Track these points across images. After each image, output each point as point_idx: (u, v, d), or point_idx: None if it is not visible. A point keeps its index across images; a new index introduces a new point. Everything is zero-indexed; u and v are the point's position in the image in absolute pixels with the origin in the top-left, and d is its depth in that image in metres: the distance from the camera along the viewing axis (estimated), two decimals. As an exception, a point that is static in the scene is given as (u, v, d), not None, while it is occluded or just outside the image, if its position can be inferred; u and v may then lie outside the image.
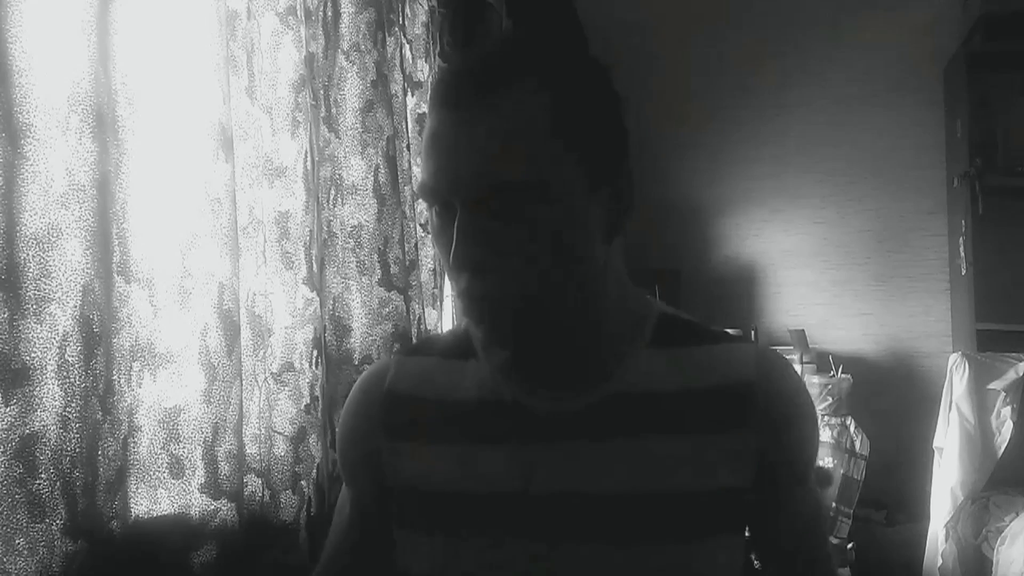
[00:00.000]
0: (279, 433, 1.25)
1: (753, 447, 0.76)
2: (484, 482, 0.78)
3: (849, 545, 2.46)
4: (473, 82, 0.69)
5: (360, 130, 1.44)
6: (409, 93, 1.71)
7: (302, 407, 1.27)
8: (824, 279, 3.00)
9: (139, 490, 1.03)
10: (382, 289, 1.45)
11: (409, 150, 1.64)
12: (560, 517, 0.75)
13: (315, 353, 1.29)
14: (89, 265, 0.92)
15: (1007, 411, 2.33)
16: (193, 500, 1.07)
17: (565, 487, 0.76)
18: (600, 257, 0.74)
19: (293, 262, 1.28)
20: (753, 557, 0.87)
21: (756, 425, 0.76)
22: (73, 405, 0.89)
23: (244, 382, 1.16)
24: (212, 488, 1.07)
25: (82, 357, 0.90)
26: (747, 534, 0.84)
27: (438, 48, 1.81)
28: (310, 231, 1.30)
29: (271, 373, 1.25)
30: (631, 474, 0.75)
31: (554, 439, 0.77)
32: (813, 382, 2.62)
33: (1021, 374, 2.36)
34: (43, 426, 0.87)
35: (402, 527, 0.83)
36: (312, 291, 1.29)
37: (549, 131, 0.68)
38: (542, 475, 0.76)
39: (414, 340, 1.51)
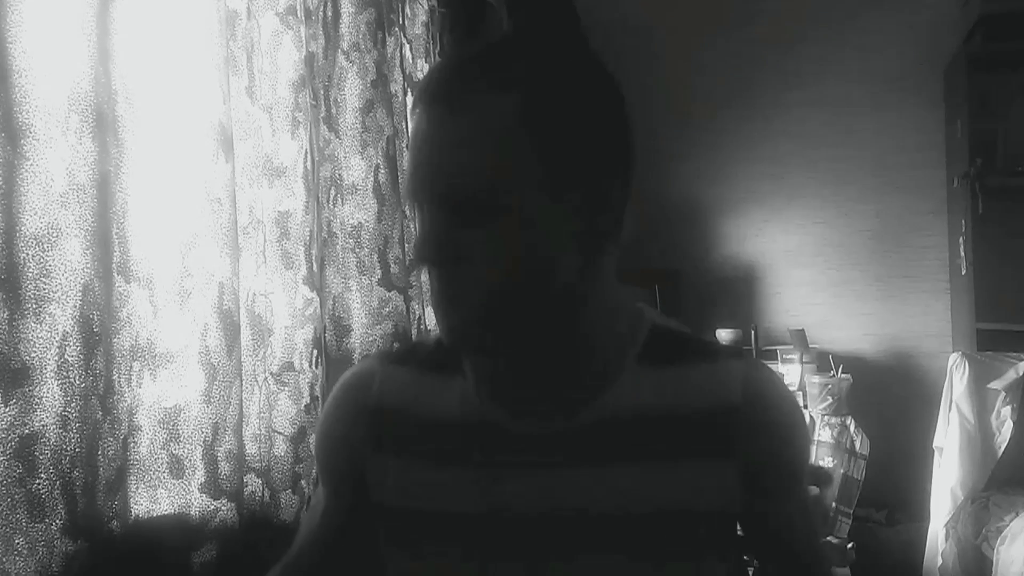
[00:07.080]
0: (279, 433, 1.25)
1: (737, 473, 0.76)
2: (470, 503, 0.77)
3: (849, 545, 2.46)
4: (445, 88, 0.70)
5: (360, 130, 1.44)
6: (409, 93, 1.71)
7: (302, 407, 1.27)
8: (824, 279, 3.00)
9: (139, 490, 1.03)
10: (382, 289, 1.45)
11: (409, 150, 1.64)
12: (544, 539, 0.75)
13: (315, 353, 1.29)
14: (89, 265, 0.92)
15: (1007, 411, 2.33)
16: (193, 500, 1.07)
17: (550, 509, 0.75)
18: (576, 268, 0.72)
19: (293, 262, 1.28)
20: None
21: (740, 451, 0.76)
22: (73, 405, 0.89)
23: (244, 382, 1.16)
24: (212, 488, 1.07)
25: (82, 357, 0.90)
26: (743, 539, 0.85)
27: (438, 48, 1.81)
28: (310, 231, 1.30)
29: (271, 373, 1.25)
30: (614, 496, 0.75)
31: (539, 461, 0.76)
32: (813, 382, 2.63)
33: (1021, 374, 2.36)
34: (43, 426, 0.87)
35: (388, 545, 0.82)
36: (312, 291, 1.29)
37: (510, 151, 0.68)
38: (527, 497, 0.76)
39: (413, 340, 1.51)
